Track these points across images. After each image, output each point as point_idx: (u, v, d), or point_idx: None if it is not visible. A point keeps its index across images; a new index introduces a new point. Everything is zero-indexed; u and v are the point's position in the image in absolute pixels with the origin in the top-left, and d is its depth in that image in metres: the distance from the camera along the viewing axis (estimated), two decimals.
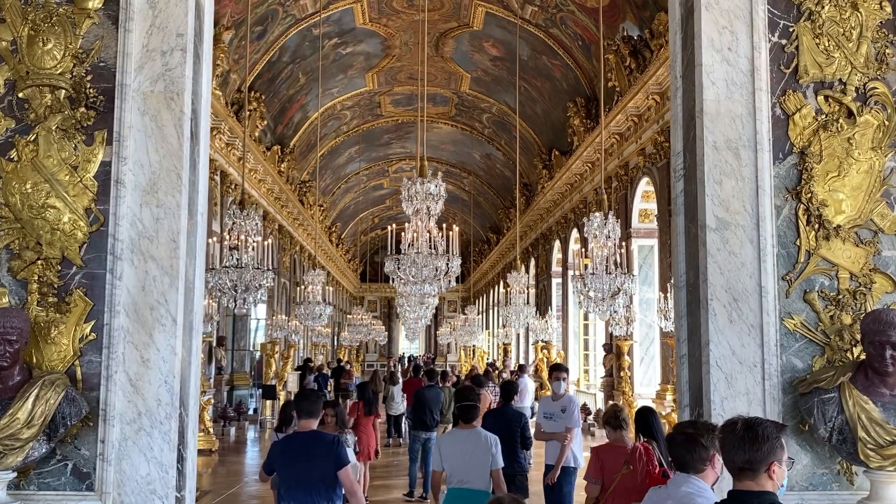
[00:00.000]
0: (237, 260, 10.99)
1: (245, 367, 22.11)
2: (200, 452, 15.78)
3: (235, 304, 11.44)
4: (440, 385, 12.21)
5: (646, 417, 6.60)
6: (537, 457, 9.24)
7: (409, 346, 56.16)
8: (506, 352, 35.42)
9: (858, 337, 4.05)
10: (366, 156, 35.78)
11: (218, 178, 21.17)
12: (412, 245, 11.28)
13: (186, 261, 4.19)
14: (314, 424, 5.07)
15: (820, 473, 4.14)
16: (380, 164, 36.21)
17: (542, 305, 28.26)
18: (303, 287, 18.91)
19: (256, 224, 11.26)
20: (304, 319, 18.63)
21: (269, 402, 20.06)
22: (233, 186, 22.58)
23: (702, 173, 4.25)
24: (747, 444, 2.78)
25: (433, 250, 11.21)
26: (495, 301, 39.17)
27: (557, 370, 8.69)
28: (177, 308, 4.05)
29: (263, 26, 21.21)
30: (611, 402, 7.51)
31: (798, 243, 4.25)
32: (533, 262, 31.44)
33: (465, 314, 33.00)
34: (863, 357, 3.97)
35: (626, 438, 6.10)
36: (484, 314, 43.78)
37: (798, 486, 4.12)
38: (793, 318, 4.22)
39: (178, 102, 4.16)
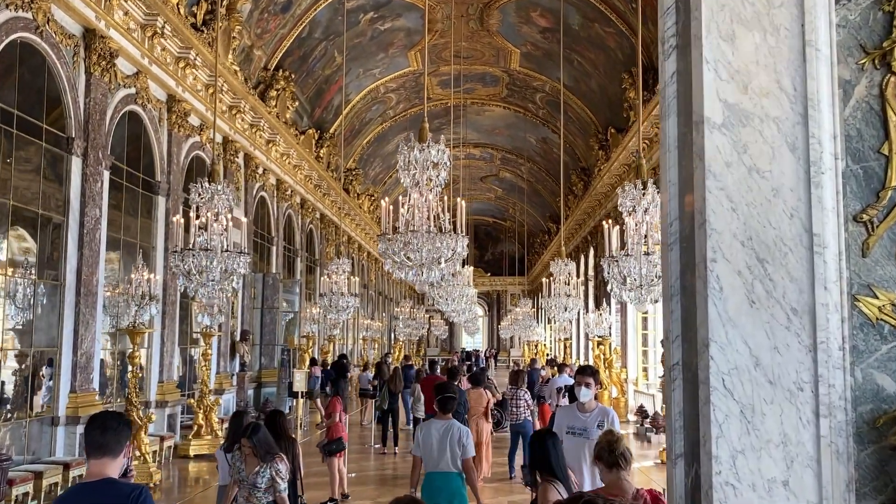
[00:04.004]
0: (205, 241, 9.35)
1: (274, 364, 20.84)
2: (204, 458, 14.31)
3: (211, 294, 9.82)
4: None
5: None
6: None
7: (472, 340, 54.55)
8: (565, 347, 33.42)
9: None
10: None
11: (241, 162, 19.73)
12: (409, 223, 9.48)
13: None
14: (111, 468, 3.27)
15: None
16: None
17: (602, 297, 26.19)
18: (325, 277, 17.33)
19: (228, 200, 9.59)
20: (326, 311, 17.05)
21: (300, 401, 18.72)
22: (260, 171, 21.13)
23: (697, 25, 2.25)
24: None
25: (435, 229, 9.37)
26: (555, 293, 37.05)
27: (583, 374, 6.80)
28: None
29: None
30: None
31: (886, 152, 2.21)
32: (592, 251, 29.29)
33: (517, 307, 31.08)
34: None
35: (626, 482, 4.16)
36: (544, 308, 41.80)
37: None
38: (877, 297, 2.17)
39: None
